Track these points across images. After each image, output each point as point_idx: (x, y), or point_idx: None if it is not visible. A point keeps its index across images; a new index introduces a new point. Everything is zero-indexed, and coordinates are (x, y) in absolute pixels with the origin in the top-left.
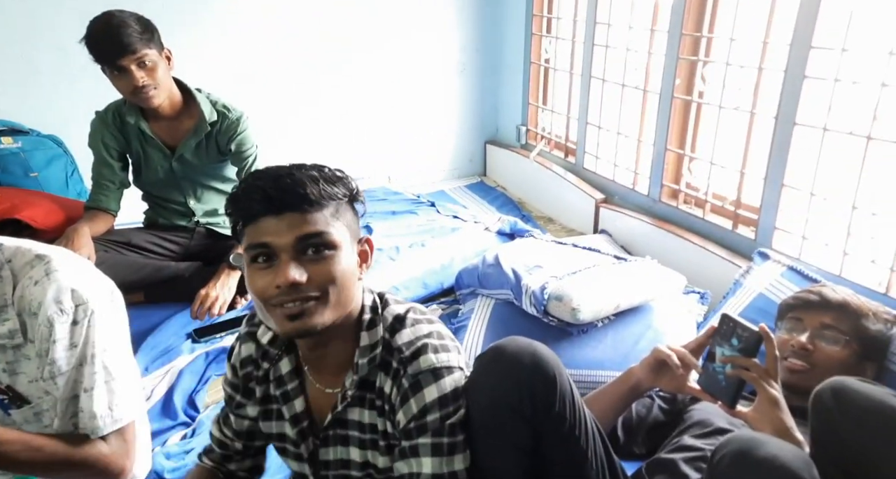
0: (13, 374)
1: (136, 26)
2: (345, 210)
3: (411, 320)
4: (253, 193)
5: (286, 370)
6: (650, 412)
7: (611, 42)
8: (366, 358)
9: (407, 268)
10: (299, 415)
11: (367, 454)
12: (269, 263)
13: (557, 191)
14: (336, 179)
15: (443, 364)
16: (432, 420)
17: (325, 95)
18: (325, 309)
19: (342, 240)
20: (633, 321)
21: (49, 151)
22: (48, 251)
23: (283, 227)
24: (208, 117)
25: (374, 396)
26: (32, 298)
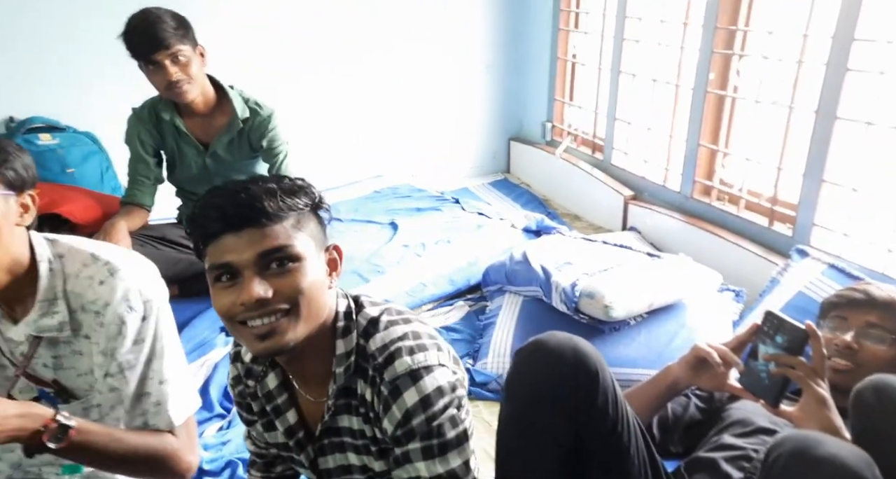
0: (59, 368)
1: (171, 22)
2: (307, 220)
3: (384, 323)
4: (210, 212)
5: (273, 385)
6: (686, 410)
7: (641, 36)
8: (342, 366)
9: (433, 265)
10: (293, 427)
11: (364, 459)
12: (233, 281)
13: (584, 188)
14: (296, 189)
15: (420, 365)
16: (418, 424)
17: (351, 92)
18: (296, 324)
19: (306, 251)
20: (667, 319)
21: (85, 148)
22: (103, 250)
23: (242, 243)
24: (240, 114)
25: (357, 403)
26: (97, 297)
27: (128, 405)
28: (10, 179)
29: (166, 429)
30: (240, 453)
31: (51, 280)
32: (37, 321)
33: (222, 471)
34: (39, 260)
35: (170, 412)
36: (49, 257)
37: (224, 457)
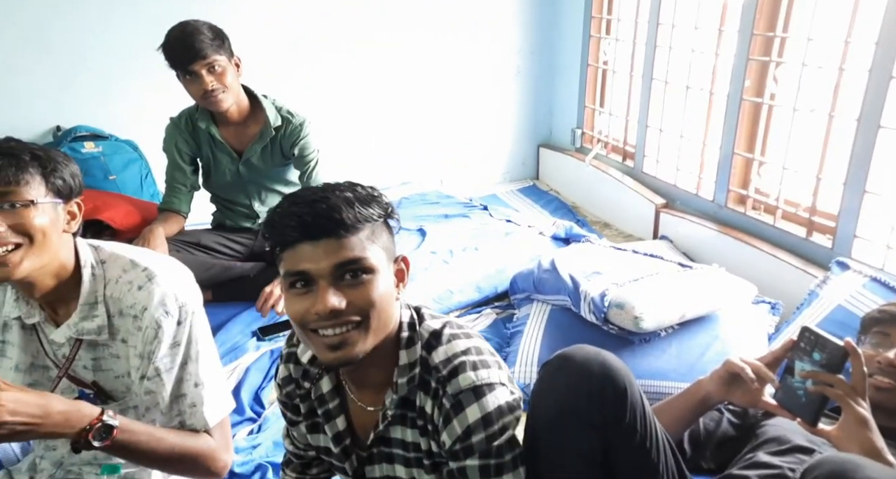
0: (98, 370)
1: (207, 33)
2: (380, 231)
3: (447, 336)
4: (289, 220)
5: (326, 389)
6: (719, 426)
7: (674, 43)
8: (405, 377)
9: (461, 272)
10: (341, 433)
11: (413, 471)
12: (308, 288)
13: (614, 195)
14: (370, 199)
15: (483, 381)
16: (478, 442)
17: (380, 99)
18: (366, 336)
19: (379, 263)
20: (699, 331)
21: (126, 156)
22: (142, 257)
23: (319, 253)
24: (273, 123)
25: (415, 415)
26: (135, 301)
27: (164, 407)
28: (58, 188)
29: (202, 429)
30: (270, 456)
31: (93, 285)
32: (77, 324)
33: (252, 474)
34: (83, 265)
35: (205, 413)
36: (92, 262)
37: (254, 460)
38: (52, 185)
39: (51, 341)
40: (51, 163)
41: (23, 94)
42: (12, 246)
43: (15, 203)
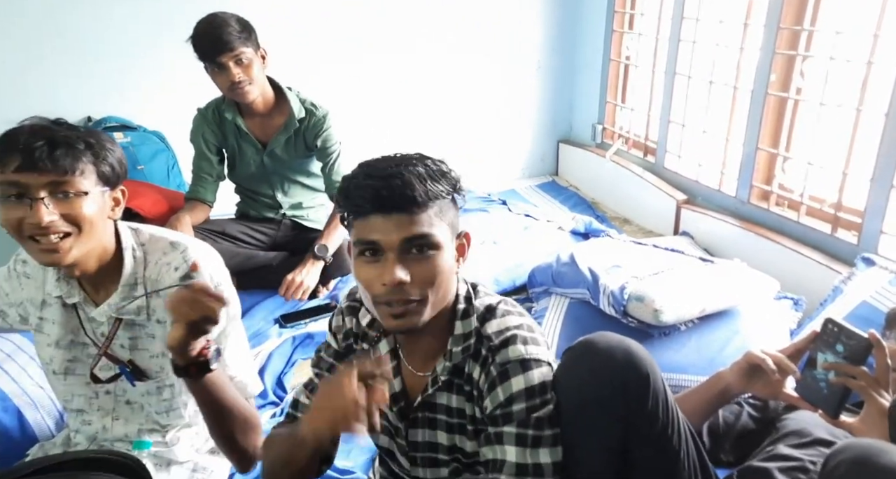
0: (134, 349)
1: (235, 26)
2: (448, 208)
3: (502, 311)
4: (364, 192)
5: (384, 351)
6: (739, 418)
7: (698, 38)
8: (459, 346)
9: (479, 265)
10: (397, 395)
11: (455, 438)
12: (376, 258)
13: (635, 191)
14: (441, 174)
15: (531, 356)
16: (518, 410)
17: (400, 92)
18: (427, 308)
19: (444, 240)
20: (720, 326)
21: (154, 146)
22: (180, 239)
23: (391, 226)
24: (297, 114)
25: (462, 381)
26: (172, 282)
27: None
28: (107, 176)
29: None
30: None
31: (133, 267)
32: (118, 304)
33: None
34: (125, 248)
35: (248, 383)
36: (133, 245)
37: None
38: (102, 173)
39: (90, 319)
40: (102, 151)
41: (56, 85)
42: (63, 234)
43: (69, 193)
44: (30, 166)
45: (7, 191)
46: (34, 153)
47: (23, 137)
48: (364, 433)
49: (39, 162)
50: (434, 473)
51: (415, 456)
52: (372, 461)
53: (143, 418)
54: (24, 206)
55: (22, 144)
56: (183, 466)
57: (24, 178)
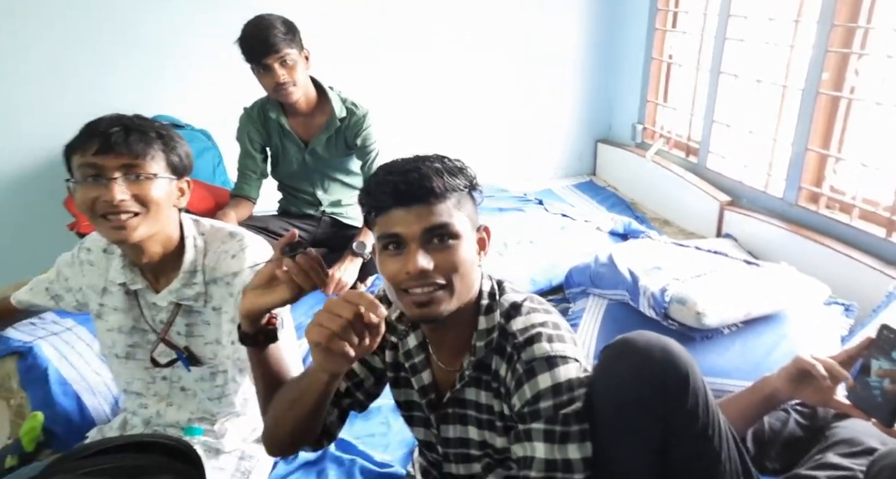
0: (190, 336)
1: (281, 28)
2: (465, 201)
3: (527, 309)
4: (384, 187)
5: (413, 345)
6: (786, 425)
7: (745, 35)
8: (482, 341)
9: (515, 264)
10: (427, 387)
11: (485, 434)
12: (399, 250)
13: (676, 192)
14: (457, 170)
15: (557, 353)
16: (545, 407)
17: (438, 90)
18: (450, 297)
19: (464, 229)
20: (765, 330)
21: (200, 144)
22: (238, 231)
23: (411, 218)
24: (338, 114)
25: (489, 378)
26: (229, 269)
27: (225, 355)
28: (174, 165)
29: None
30: None
31: (194, 254)
32: (178, 290)
33: None
34: (186, 236)
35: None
36: (195, 234)
37: None
38: (170, 162)
39: (151, 305)
40: (171, 142)
41: (111, 85)
42: (132, 213)
43: (140, 175)
44: (106, 149)
45: (86, 172)
46: (111, 138)
47: (102, 124)
48: (352, 351)
49: (115, 146)
50: (467, 469)
51: (447, 452)
52: (410, 455)
53: (195, 405)
54: (99, 186)
55: (101, 130)
56: (231, 454)
57: (101, 160)
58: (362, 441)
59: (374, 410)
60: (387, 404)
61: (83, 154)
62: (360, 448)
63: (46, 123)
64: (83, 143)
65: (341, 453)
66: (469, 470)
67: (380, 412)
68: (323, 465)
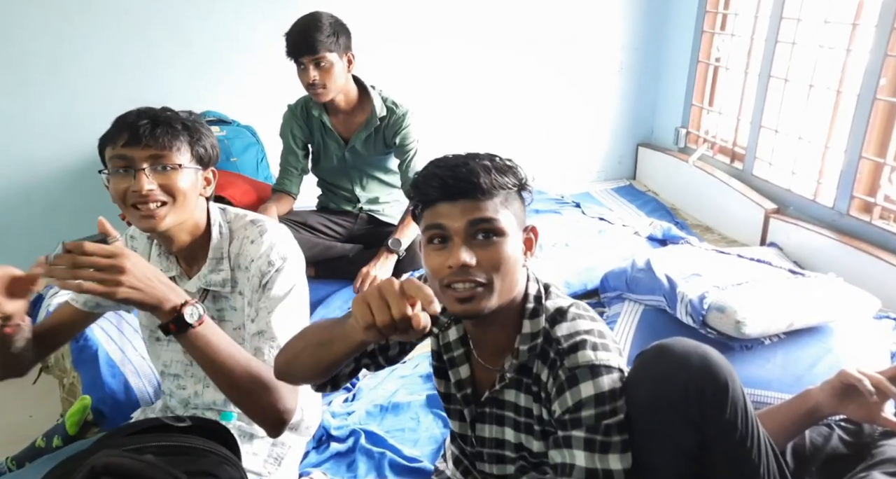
0: (221, 321)
1: (326, 29)
2: (513, 199)
3: (572, 315)
4: (432, 181)
5: (454, 338)
6: (828, 441)
7: (798, 39)
8: (526, 345)
9: (550, 267)
10: (463, 381)
11: (522, 436)
12: (444, 244)
13: (719, 198)
14: (507, 169)
15: (602, 362)
16: (587, 416)
17: (479, 91)
18: (491, 294)
19: (509, 227)
20: (809, 342)
21: (245, 140)
22: (260, 218)
23: (456, 212)
24: (378, 112)
25: (530, 381)
26: (248, 253)
27: (251, 346)
28: (200, 155)
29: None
30: (363, 424)
31: (220, 242)
32: (206, 276)
33: (347, 438)
34: (213, 224)
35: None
36: (220, 222)
37: (349, 426)
38: (196, 153)
39: (185, 291)
40: (197, 133)
41: (165, 81)
42: (160, 203)
43: (167, 166)
44: (135, 141)
45: (117, 164)
46: (139, 130)
47: (131, 117)
48: (408, 330)
49: (143, 138)
50: (500, 469)
51: (481, 451)
52: (438, 451)
53: None
54: (129, 177)
55: (129, 122)
56: (264, 440)
57: (130, 151)
58: (392, 435)
59: (403, 405)
60: (417, 400)
61: (113, 146)
62: (390, 442)
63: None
64: (114, 135)
65: (371, 446)
66: (502, 471)
67: (409, 408)
68: (353, 457)
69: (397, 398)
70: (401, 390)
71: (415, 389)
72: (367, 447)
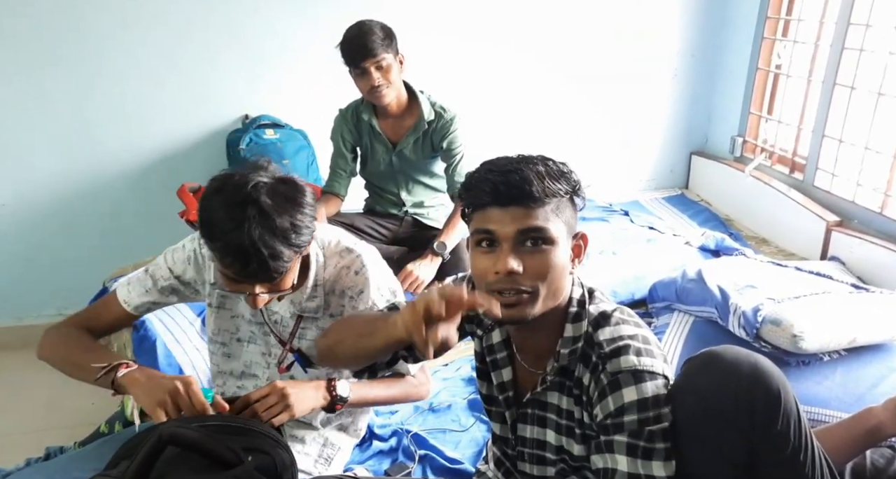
0: (303, 338)
1: (379, 33)
2: (565, 206)
3: (616, 319)
4: (484, 185)
5: (497, 340)
6: (891, 464)
7: (867, 45)
8: (567, 349)
9: (597, 275)
10: (505, 384)
11: (563, 439)
12: (492, 248)
13: (777, 210)
14: (560, 174)
15: (645, 368)
16: (629, 421)
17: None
18: (537, 301)
19: (559, 236)
20: (873, 360)
21: (297, 143)
22: (352, 244)
23: (507, 218)
24: (427, 117)
25: (572, 384)
26: (354, 284)
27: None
28: (300, 248)
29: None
30: (405, 424)
31: (316, 270)
32: (302, 303)
33: (390, 438)
34: (310, 252)
35: (409, 367)
36: (317, 250)
37: (391, 425)
38: (298, 251)
39: (272, 312)
40: (296, 244)
41: (220, 86)
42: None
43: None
44: (243, 278)
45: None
46: (249, 270)
47: (241, 250)
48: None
49: (256, 276)
50: (541, 471)
51: (522, 452)
52: (479, 454)
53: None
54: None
55: (241, 254)
56: (315, 441)
57: (237, 286)
58: (433, 436)
59: (445, 407)
60: (459, 402)
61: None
62: (431, 443)
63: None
64: (225, 264)
65: (413, 445)
66: (543, 472)
67: (451, 410)
68: (395, 455)
69: (440, 400)
70: (443, 392)
71: (457, 391)
72: (410, 447)
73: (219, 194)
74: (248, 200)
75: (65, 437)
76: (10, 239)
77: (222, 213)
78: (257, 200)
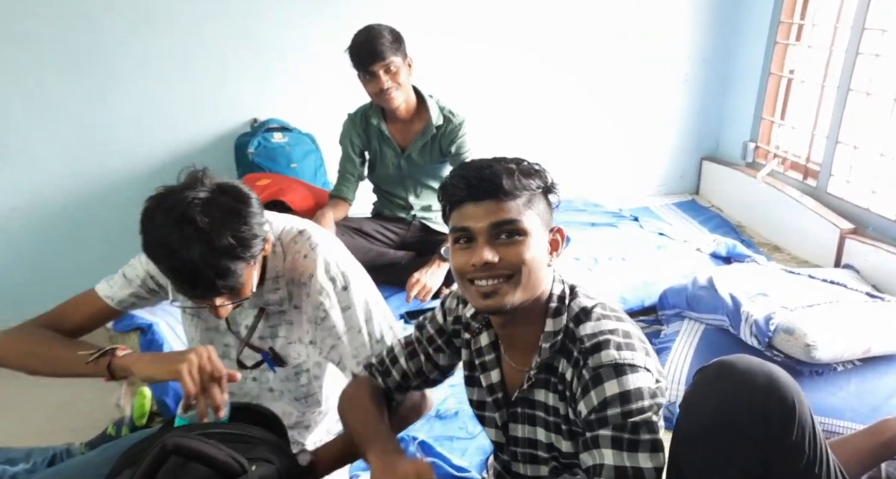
0: (273, 337)
1: (388, 37)
2: (538, 201)
3: (597, 315)
4: (458, 182)
5: (485, 343)
6: None
7: (882, 50)
8: (548, 343)
9: (605, 281)
10: (494, 385)
11: (552, 436)
12: (469, 244)
13: (789, 216)
14: (532, 172)
15: (625, 361)
16: (612, 415)
17: (537, 99)
18: (514, 289)
19: (532, 228)
20: (889, 371)
21: (306, 147)
22: (303, 225)
23: (480, 213)
24: (435, 121)
25: (556, 380)
26: (304, 269)
27: (352, 367)
28: (254, 256)
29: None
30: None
31: (273, 260)
32: (263, 296)
33: None
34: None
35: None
36: (274, 240)
37: None
38: (250, 261)
39: (238, 311)
40: (246, 252)
41: (229, 90)
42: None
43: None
44: (205, 294)
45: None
46: (201, 285)
47: (188, 268)
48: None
49: (214, 291)
50: (534, 470)
51: (515, 452)
52: (485, 462)
53: (281, 407)
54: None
55: (191, 277)
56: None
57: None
58: (440, 444)
59: (453, 414)
60: (466, 410)
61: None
62: (438, 450)
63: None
64: (176, 285)
65: (420, 453)
66: (536, 472)
67: (458, 418)
68: None
69: (446, 407)
70: (450, 399)
71: (464, 398)
72: (417, 454)
73: (154, 215)
74: (183, 220)
75: (72, 438)
76: (21, 242)
77: (159, 235)
78: (193, 220)
